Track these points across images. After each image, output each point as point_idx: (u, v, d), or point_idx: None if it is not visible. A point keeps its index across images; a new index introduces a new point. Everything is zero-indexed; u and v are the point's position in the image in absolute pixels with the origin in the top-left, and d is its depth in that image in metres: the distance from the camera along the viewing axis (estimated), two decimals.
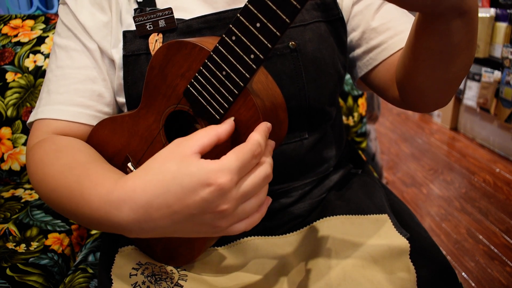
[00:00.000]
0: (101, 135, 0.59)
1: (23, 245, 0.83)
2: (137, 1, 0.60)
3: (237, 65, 0.43)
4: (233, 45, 0.43)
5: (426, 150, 2.61)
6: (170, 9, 0.58)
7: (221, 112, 0.46)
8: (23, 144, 1.03)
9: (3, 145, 1.03)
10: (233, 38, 0.42)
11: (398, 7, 0.46)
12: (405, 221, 0.66)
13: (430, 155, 2.55)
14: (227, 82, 0.45)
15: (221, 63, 0.44)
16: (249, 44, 0.42)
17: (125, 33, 0.60)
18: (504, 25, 2.28)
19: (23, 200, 0.98)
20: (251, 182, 0.42)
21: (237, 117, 0.46)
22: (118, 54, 0.60)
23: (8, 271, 0.74)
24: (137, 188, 0.42)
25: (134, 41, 0.59)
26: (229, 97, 0.45)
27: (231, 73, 0.44)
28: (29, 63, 1.04)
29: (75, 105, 0.60)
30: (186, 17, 0.60)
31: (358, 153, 0.84)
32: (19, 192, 1.02)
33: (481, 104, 2.52)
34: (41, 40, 1.06)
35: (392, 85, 0.63)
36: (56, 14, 1.13)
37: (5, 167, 1.04)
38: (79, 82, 0.60)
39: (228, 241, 0.64)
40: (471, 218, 1.89)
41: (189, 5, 0.61)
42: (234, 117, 0.46)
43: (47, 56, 1.04)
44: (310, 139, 0.65)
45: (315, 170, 0.68)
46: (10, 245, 0.82)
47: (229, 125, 0.45)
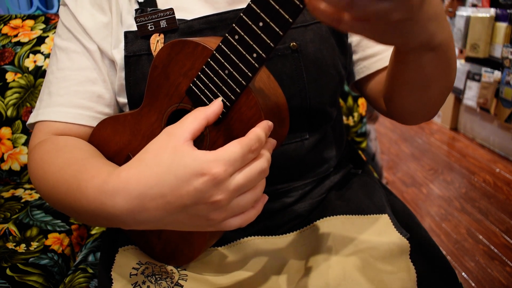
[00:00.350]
0: (103, 134, 0.59)
1: (23, 245, 0.83)
2: (138, 1, 0.60)
3: (239, 64, 0.43)
4: (236, 44, 0.43)
5: (426, 150, 2.61)
6: (171, 9, 0.58)
7: (223, 110, 0.47)
8: (23, 144, 1.03)
9: (3, 145, 1.03)
10: (236, 37, 0.43)
11: None
12: (405, 221, 0.66)
13: (430, 155, 2.55)
14: (229, 81, 0.45)
15: (223, 62, 0.44)
16: (252, 43, 0.42)
17: (126, 34, 0.60)
18: (504, 25, 2.28)
19: (23, 200, 0.98)
20: (246, 175, 0.42)
21: (238, 116, 0.46)
22: (119, 55, 0.60)
23: (8, 271, 0.74)
24: (131, 179, 0.43)
25: (135, 42, 0.59)
26: (231, 95, 0.45)
27: (233, 72, 0.44)
28: (29, 63, 1.04)
29: (75, 106, 0.60)
30: (188, 17, 0.60)
31: (358, 153, 0.84)
32: (19, 192, 1.02)
33: (481, 104, 2.52)
34: (41, 40, 1.06)
35: (380, 97, 0.65)
36: (56, 14, 1.13)
37: (5, 167, 1.04)
38: (79, 83, 0.60)
39: (228, 241, 0.64)
40: (471, 218, 1.89)
41: (190, 5, 0.61)
42: (221, 98, 0.46)
43: (47, 56, 1.04)
44: (311, 139, 0.65)
45: (316, 170, 0.68)
46: (10, 245, 0.82)
47: (217, 106, 0.45)
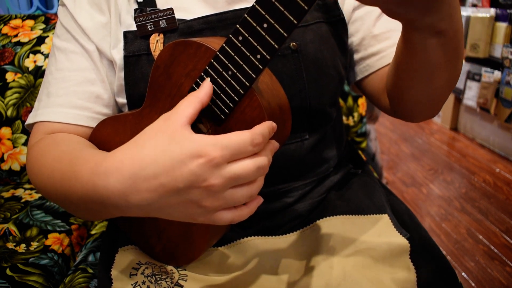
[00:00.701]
0: (103, 134, 0.59)
1: (23, 245, 0.83)
2: (137, 1, 0.60)
3: (243, 65, 0.43)
4: (240, 45, 0.43)
5: (426, 150, 2.61)
6: (171, 9, 0.58)
7: (226, 111, 0.46)
8: (23, 144, 1.03)
9: (3, 145, 1.03)
10: (240, 38, 0.42)
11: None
12: (405, 221, 0.66)
13: (430, 155, 2.55)
14: (232, 82, 0.45)
15: (227, 63, 0.44)
16: (255, 45, 0.42)
17: (126, 34, 0.60)
18: (504, 25, 2.28)
19: (23, 200, 0.98)
20: (243, 166, 0.42)
21: (242, 117, 0.46)
22: (118, 55, 0.60)
23: (8, 271, 0.74)
24: (125, 160, 0.43)
25: (134, 42, 0.59)
26: (234, 96, 0.45)
27: (237, 73, 0.44)
28: (29, 63, 1.04)
29: (73, 107, 0.60)
30: (187, 17, 0.60)
31: (358, 153, 0.84)
32: (19, 192, 1.02)
33: (481, 104, 2.52)
34: (41, 40, 1.06)
35: (384, 94, 0.65)
36: (56, 14, 1.13)
37: (5, 167, 1.04)
38: (77, 84, 0.60)
39: (228, 241, 0.64)
40: (471, 218, 1.89)
41: (189, 5, 0.61)
42: (209, 78, 0.46)
43: (47, 56, 1.04)
44: (311, 139, 0.65)
45: (316, 170, 0.68)
46: (10, 245, 0.82)
47: (207, 87, 0.45)
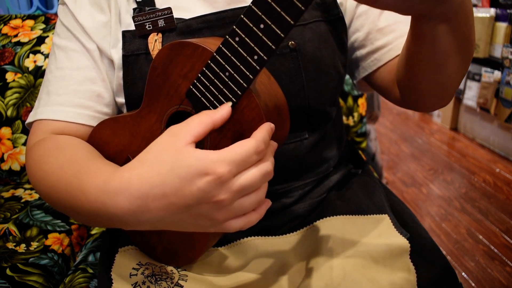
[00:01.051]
0: (102, 135, 0.59)
1: (23, 245, 0.83)
2: (136, 0, 0.60)
3: (240, 66, 0.43)
4: (237, 46, 0.43)
5: (426, 150, 2.61)
6: (169, 8, 0.58)
7: None
8: (23, 144, 1.03)
9: (3, 145, 1.03)
10: (237, 39, 0.42)
11: None
12: (405, 221, 0.66)
13: (430, 155, 2.55)
14: (230, 83, 0.45)
15: (224, 64, 0.44)
16: (252, 45, 0.42)
17: (124, 33, 0.59)
18: (504, 25, 2.28)
19: (23, 200, 0.98)
20: (250, 176, 0.42)
21: (240, 118, 0.46)
22: (117, 54, 0.60)
23: (8, 271, 0.74)
24: (134, 179, 0.43)
25: (133, 41, 0.59)
26: (232, 98, 0.45)
27: (234, 74, 0.44)
28: (29, 63, 1.04)
29: (74, 105, 0.60)
30: (186, 16, 0.60)
31: (358, 153, 0.84)
32: (19, 192, 1.02)
33: (481, 104, 2.52)
34: (41, 40, 1.06)
35: (394, 85, 0.64)
36: (56, 14, 1.13)
37: (5, 167, 1.04)
38: (78, 83, 0.60)
39: (228, 241, 0.64)
40: (471, 218, 1.89)
41: (188, 4, 0.61)
42: (231, 103, 0.45)
43: (47, 56, 1.04)
44: (310, 139, 0.65)
45: (315, 170, 0.68)
46: (10, 245, 0.82)
47: (225, 111, 0.45)
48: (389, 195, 0.73)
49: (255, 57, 0.42)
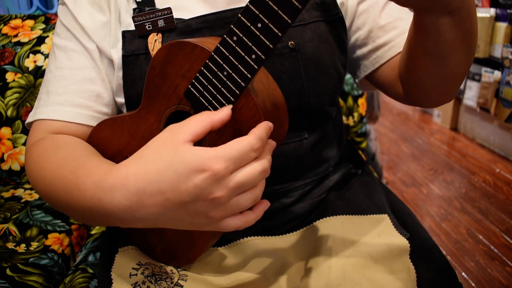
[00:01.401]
0: (101, 135, 0.59)
1: (23, 245, 0.83)
2: (136, 0, 0.60)
3: (238, 65, 0.43)
4: (234, 45, 0.43)
5: (426, 150, 2.61)
6: (169, 8, 0.58)
7: None
8: (23, 144, 1.03)
9: (3, 145, 1.03)
10: (234, 38, 0.42)
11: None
12: (405, 221, 0.66)
13: (430, 155, 2.55)
14: (228, 82, 0.45)
15: (222, 63, 0.44)
16: (250, 45, 0.42)
17: (124, 33, 0.60)
18: (504, 25, 2.28)
19: (23, 200, 0.98)
20: (246, 173, 0.42)
21: (238, 117, 0.46)
22: (117, 54, 0.60)
23: (8, 271, 0.74)
24: (130, 175, 0.43)
25: (133, 41, 0.59)
26: (230, 97, 0.45)
27: (232, 73, 0.44)
28: (29, 63, 1.04)
29: (73, 105, 0.60)
30: (185, 16, 0.60)
31: (358, 153, 0.84)
32: (19, 192, 1.02)
33: (481, 104, 2.52)
34: (41, 40, 1.06)
35: (397, 82, 0.64)
36: (56, 14, 1.13)
37: (5, 167, 1.04)
38: (77, 82, 0.60)
39: (228, 241, 0.64)
40: (471, 218, 1.89)
41: (188, 4, 0.61)
42: (231, 106, 0.45)
43: (47, 56, 1.04)
44: (310, 139, 0.65)
45: (315, 170, 0.68)
46: (10, 245, 0.82)
47: (225, 113, 0.44)
48: (389, 195, 0.73)
49: (253, 56, 0.42)
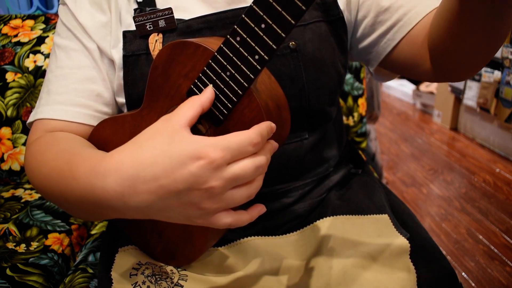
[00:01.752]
0: (102, 134, 0.59)
1: (23, 245, 0.83)
2: (137, 1, 0.60)
3: (241, 65, 0.43)
4: (238, 46, 0.43)
5: (426, 150, 2.61)
6: (170, 9, 0.58)
7: (225, 112, 0.46)
8: (23, 144, 1.03)
9: (3, 145, 1.03)
10: (238, 38, 0.42)
11: None
12: (405, 221, 0.66)
13: (430, 155, 2.55)
14: (231, 83, 0.45)
15: (225, 63, 0.44)
16: (253, 45, 0.42)
17: (125, 33, 0.60)
18: None
19: (23, 200, 0.98)
20: (243, 166, 0.41)
21: (240, 118, 0.46)
22: (118, 54, 0.60)
23: (8, 271, 0.74)
24: (124, 160, 0.42)
25: (134, 41, 0.59)
26: (233, 97, 0.45)
27: (235, 74, 0.44)
28: (29, 63, 1.04)
29: (74, 105, 0.60)
30: (186, 17, 0.60)
31: (358, 153, 0.84)
32: (19, 192, 1.02)
33: (481, 104, 2.52)
34: (41, 40, 1.06)
35: (420, 59, 0.61)
36: (56, 14, 1.13)
37: (5, 167, 1.04)
38: (78, 82, 0.60)
39: (228, 241, 0.64)
40: (471, 218, 1.89)
41: (189, 5, 0.61)
42: (212, 85, 0.46)
43: (47, 56, 1.04)
44: (310, 139, 0.65)
45: (315, 170, 0.68)
46: (10, 245, 0.82)
47: (209, 93, 0.45)
48: (389, 195, 0.73)
49: (256, 56, 0.42)
